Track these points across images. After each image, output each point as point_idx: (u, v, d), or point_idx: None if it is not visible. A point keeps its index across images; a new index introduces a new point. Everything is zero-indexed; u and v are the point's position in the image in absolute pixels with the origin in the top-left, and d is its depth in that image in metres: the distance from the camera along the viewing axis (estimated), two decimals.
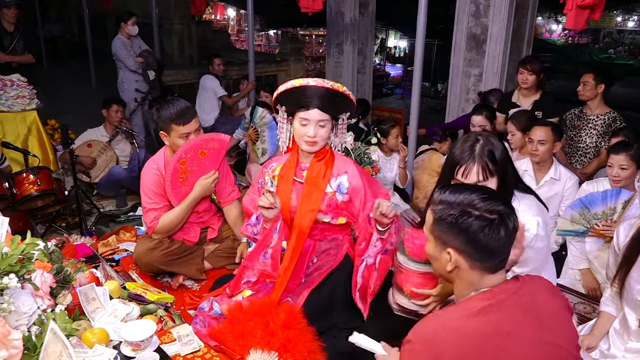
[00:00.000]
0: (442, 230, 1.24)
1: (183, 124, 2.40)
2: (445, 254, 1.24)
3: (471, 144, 1.70)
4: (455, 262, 1.23)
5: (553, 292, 1.28)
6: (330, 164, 2.14)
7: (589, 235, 2.53)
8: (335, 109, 2.06)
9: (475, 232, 1.18)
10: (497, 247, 1.20)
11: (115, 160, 4.14)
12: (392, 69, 15.36)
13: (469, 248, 1.20)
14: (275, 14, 14.24)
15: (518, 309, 1.18)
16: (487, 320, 1.15)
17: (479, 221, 1.18)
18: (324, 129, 2.03)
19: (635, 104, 9.45)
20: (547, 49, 17.54)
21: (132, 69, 5.11)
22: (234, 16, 16.78)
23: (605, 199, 2.46)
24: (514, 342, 1.14)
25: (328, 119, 2.03)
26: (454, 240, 1.22)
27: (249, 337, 1.83)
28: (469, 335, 1.14)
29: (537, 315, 1.19)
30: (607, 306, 1.94)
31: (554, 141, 2.79)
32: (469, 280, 1.24)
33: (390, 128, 3.60)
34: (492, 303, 1.18)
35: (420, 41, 3.41)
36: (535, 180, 2.85)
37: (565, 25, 4.43)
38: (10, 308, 1.30)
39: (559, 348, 1.18)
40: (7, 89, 3.91)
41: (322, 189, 2.10)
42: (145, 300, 2.11)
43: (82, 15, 8.39)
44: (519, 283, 1.24)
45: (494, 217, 1.18)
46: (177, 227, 2.63)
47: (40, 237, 2.93)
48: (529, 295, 1.21)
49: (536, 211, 1.77)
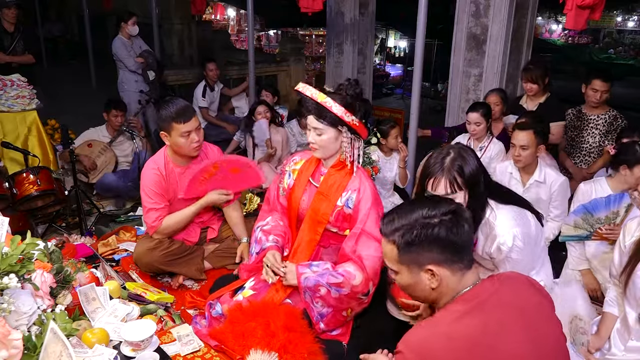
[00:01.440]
0: (412, 253, 1.23)
1: (184, 122, 2.41)
2: (424, 273, 1.24)
3: (442, 157, 1.72)
4: (437, 276, 1.23)
5: (533, 287, 1.29)
6: (347, 178, 2.11)
7: (593, 238, 2.53)
8: (329, 118, 1.99)
9: (447, 236, 1.20)
10: (467, 240, 1.24)
11: (114, 163, 4.10)
12: (392, 69, 15.34)
13: (446, 253, 1.22)
14: (275, 14, 14.23)
15: (502, 307, 1.19)
16: (473, 323, 1.16)
17: (443, 225, 1.21)
18: (322, 137, 2.02)
19: (636, 104, 9.44)
20: (547, 49, 17.53)
21: (132, 69, 5.11)
22: (234, 16, 16.77)
23: (609, 204, 2.46)
24: (502, 341, 1.15)
25: (323, 127, 2.00)
26: (430, 255, 1.22)
27: (249, 337, 1.84)
28: (458, 340, 1.14)
29: (521, 312, 1.20)
30: (611, 307, 1.94)
31: (536, 145, 2.71)
32: (450, 288, 1.24)
33: (389, 128, 3.59)
34: (475, 304, 1.19)
35: (420, 41, 3.41)
36: (521, 183, 2.82)
37: (565, 25, 4.44)
38: (10, 308, 1.30)
39: (545, 341, 1.19)
40: (7, 89, 3.91)
41: (334, 201, 2.09)
42: (145, 300, 2.11)
43: (82, 15, 8.38)
44: (497, 282, 1.25)
45: (450, 217, 1.22)
46: (179, 230, 2.64)
47: (40, 237, 2.94)
48: (510, 293, 1.23)
49: (514, 223, 1.75)
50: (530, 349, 1.15)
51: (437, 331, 1.18)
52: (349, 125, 1.99)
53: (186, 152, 2.51)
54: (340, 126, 2.00)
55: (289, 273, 2.03)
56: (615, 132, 3.34)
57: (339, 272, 1.99)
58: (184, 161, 2.60)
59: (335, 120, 1.99)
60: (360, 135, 2.06)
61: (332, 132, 2.02)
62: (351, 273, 1.99)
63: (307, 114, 2.05)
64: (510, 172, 2.87)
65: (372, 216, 2.04)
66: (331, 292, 1.97)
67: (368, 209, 2.05)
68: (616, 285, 1.95)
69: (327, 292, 1.98)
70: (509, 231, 1.73)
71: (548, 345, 1.19)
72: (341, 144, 2.06)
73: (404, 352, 1.18)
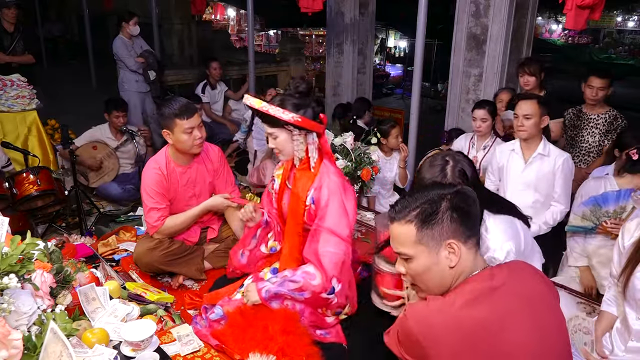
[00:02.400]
0: (432, 228, 1.22)
1: (186, 118, 2.42)
2: (445, 250, 1.22)
3: (442, 168, 1.70)
4: (457, 251, 1.22)
5: (540, 277, 1.30)
6: (312, 176, 2.09)
7: (597, 231, 2.51)
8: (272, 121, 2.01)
9: (463, 207, 1.23)
10: (477, 214, 1.27)
11: (116, 171, 4.08)
12: (392, 69, 15.37)
13: (463, 226, 1.23)
14: (275, 14, 14.24)
15: (510, 296, 1.20)
16: (481, 310, 1.17)
17: (458, 197, 1.24)
18: (277, 140, 2.05)
19: (635, 104, 9.45)
20: (547, 49, 17.54)
21: (133, 69, 5.11)
22: (234, 16, 16.79)
23: (619, 198, 2.44)
24: (508, 329, 1.15)
25: (273, 130, 2.04)
26: (450, 228, 1.22)
27: (248, 340, 1.85)
28: (465, 325, 1.15)
29: (528, 301, 1.21)
30: (609, 306, 1.94)
31: (540, 115, 2.62)
32: (466, 266, 1.24)
33: (390, 128, 3.60)
34: (486, 291, 1.20)
35: (420, 41, 3.41)
36: (523, 158, 2.75)
37: (565, 25, 4.42)
38: (10, 308, 1.30)
39: (549, 331, 1.20)
40: (7, 89, 3.92)
41: (303, 201, 2.09)
42: (145, 300, 2.11)
43: (82, 15, 8.37)
44: (506, 270, 1.26)
45: (460, 193, 1.25)
46: (181, 231, 2.65)
47: (40, 237, 2.94)
48: (519, 282, 1.24)
49: (506, 237, 1.74)
50: (536, 338, 1.16)
51: (446, 311, 1.18)
52: (292, 123, 1.98)
53: (189, 150, 2.51)
54: (285, 125, 2.01)
55: (249, 292, 2.03)
56: (615, 131, 3.34)
57: (298, 275, 1.98)
58: (186, 160, 2.60)
59: (278, 121, 1.99)
60: (311, 129, 2.03)
61: (283, 133, 2.05)
62: (310, 273, 1.96)
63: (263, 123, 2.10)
64: (511, 148, 2.80)
65: (331, 209, 2.01)
66: (295, 297, 1.98)
67: (326, 202, 2.02)
68: (616, 285, 1.95)
69: (291, 298, 1.99)
70: (502, 246, 1.72)
71: (552, 335, 1.20)
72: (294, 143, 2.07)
73: (408, 318, 1.20)
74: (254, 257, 2.34)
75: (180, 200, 2.62)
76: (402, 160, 3.61)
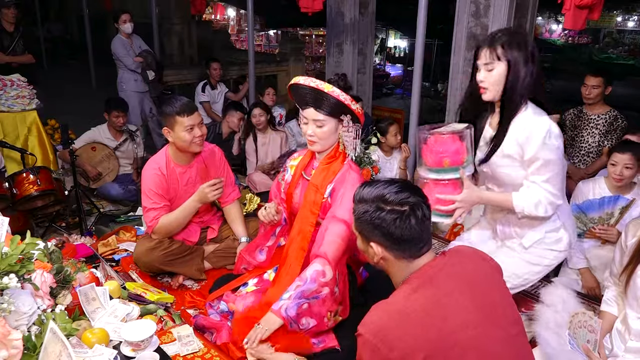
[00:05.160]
0: (362, 226, 1.32)
1: (187, 116, 2.43)
2: (370, 247, 1.32)
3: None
4: (380, 254, 1.31)
5: (481, 257, 1.36)
6: (335, 171, 2.09)
7: (586, 236, 2.59)
8: (330, 109, 1.98)
9: (389, 226, 1.25)
10: (412, 235, 1.26)
11: (116, 172, 4.07)
12: (392, 69, 15.37)
13: (387, 241, 1.28)
14: (275, 14, 14.25)
15: (450, 279, 1.25)
16: (424, 297, 1.21)
17: (390, 215, 1.25)
18: (322, 129, 2.01)
19: (636, 104, 9.45)
20: (547, 49, 17.55)
21: (131, 69, 5.10)
22: (234, 16, 16.78)
23: (602, 206, 2.51)
24: (452, 311, 1.18)
25: (325, 118, 1.99)
26: (373, 235, 1.29)
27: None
28: (411, 314, 1.18)
29: (469, 283, 1.25)
30: (609, 306, 1.94)
31: None
32: (399, 268, 1.31)
33: (388, 126, 3.60)
34: (426, 279, 1.24)
35: (420, 41, 3.41)
36: None
37: (564, 25, 4.42)
38: (10, 308, 1.30)
39: (493, 308, 1.24)
40: (7, 89, 3.91)
41: (322, 193, 2.08)
42: (145, 300, 2.11)
43: (82, 15, 8.39)
44: (446, 257, 1.31)
45: (404, 209, 1.25)
46: (176, 230, 2.63)
47: (40, 237, 2.93)
48: (458, 266, 1.29)
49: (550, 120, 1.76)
50: (480, 316, 1.20)
51: (391, 309, 1.21)
52: (354, 112, 1.99)
53: (189, 148, 2.51)
54: (342, 115, 2.00)
55: (267, 322, 1.88)
56: (615, 132, 3.35)
57: (309, 280, 1.92)
58: (186, 160, 2.60)
59: (336, 110, 1.97)
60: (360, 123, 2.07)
61: (333, 123, 2.01)
62: (319, 271, 1.93)
63: (304, 107, 2.03)
64: None
65: (345, 200, 1.99)
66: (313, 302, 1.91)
67: (342, 194, 2.02)
68: (616, 285, 1.95)
69: (308, 305, 1.90)
70: (546, 121, 1.72)
71: (497, 309, 1.24)
72: (339, 135, 2.06)
73: (363, 334, 1.21)
74: (272, 251, 2.34)
75: (180, 200, 2.61)
76: (402, 161, 3.61)
